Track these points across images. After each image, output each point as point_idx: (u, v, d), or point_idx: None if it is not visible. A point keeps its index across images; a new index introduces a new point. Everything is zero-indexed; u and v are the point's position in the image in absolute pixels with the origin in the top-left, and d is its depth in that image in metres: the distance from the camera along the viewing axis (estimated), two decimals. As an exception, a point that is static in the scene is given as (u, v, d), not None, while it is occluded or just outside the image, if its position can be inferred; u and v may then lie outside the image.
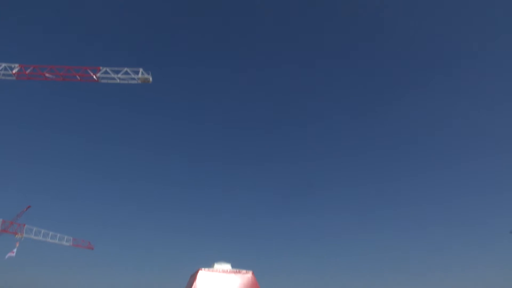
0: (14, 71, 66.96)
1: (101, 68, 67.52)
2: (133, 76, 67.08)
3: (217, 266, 42.66)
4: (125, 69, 66.94)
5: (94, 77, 67.49)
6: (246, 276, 42.11)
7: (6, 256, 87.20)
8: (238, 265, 43.14)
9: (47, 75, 68.02)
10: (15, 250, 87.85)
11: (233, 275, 41.76)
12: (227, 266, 42.95)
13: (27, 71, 67.70)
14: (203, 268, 41.37)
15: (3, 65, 66.08)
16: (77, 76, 68.48)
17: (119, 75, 67.30)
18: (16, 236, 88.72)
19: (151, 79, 68.07)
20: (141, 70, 67.45)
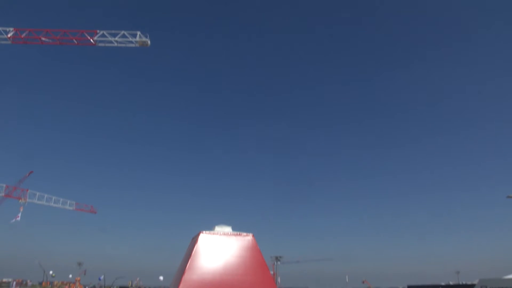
0: (9, 35, 65.66)
1: (98, 31, 66.13)
2: (130, 39, 65.87)
3: (218, 229, 43.11)
4: (123, 32, 65.60)
5: (91, 40, 66.28)
6: (246, 238, 42.73)
7: (12, 221, 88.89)
8: (238, 228, 43.77)
9: (43, 39, 66.76)
10: (19, 214, 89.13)
11: (233, 237, 42.33)
12: (228, 229, 43.42)
13: (23, 35, 66.41)
14: (204, 231, 41.94)
15: (-2, 28, 64.68)
16: (74, 40, 67.26)
17: (117, 38, 66.07)
18: (20, 201, 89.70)
19: (149, 42, 66.83)
20: (138, 33, 66.23)
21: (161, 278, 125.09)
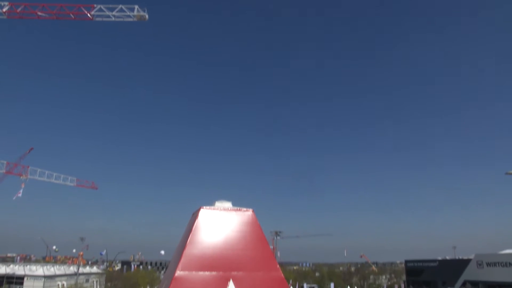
0: (4, 10, 64.59)
1: (95, 5, 65.06)
2: (128, 13, 64.88)
3: (218, 204, 43.44)
4: (120, 6, 64.53)
5: (88, 15, 65.31)
6: (246, 213, 43.24)
7: (14, 197, 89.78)
8: (238, 203, 44.14)
9: (39, 13, 65.70)
10: (21, 191, 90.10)
11: (233, 213, 42.80)
12: (228, 204, 43.76)
13: (18, 10, 65.33)
14: (204, 207, 42.35)
15: (-8, 3, 63.55)
16: (71, 15, 66.22)
17: (114, 13, 65.09)
18: (21, 177, 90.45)
19: (147, 16, 65.80)
20: (136, 7, 65.23)
21: (162, 252, 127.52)
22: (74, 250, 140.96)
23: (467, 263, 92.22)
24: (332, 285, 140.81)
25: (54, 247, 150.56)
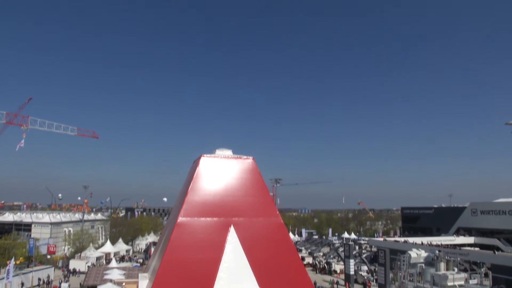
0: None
1: None
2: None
3: (219, 152, 43.67)
4: None
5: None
6: (246, 161, 43.63)
7: (16, 148, 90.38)
8: (239, 151, 44.40)
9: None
10: (23, 141, 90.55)
11: (234, 160, 43.16)
12: (228, 152, 43.99)
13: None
14: (205, 155, 42.65)
15: None
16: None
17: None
18: (22, 127, 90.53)
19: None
20: None
21: (165, 199, 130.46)
22: (79, 198, 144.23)
23: (461, 210, 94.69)
24: (330, 230, 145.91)
25: (59, 195, 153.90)
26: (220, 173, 40.81)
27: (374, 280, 66.80)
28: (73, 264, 75.75)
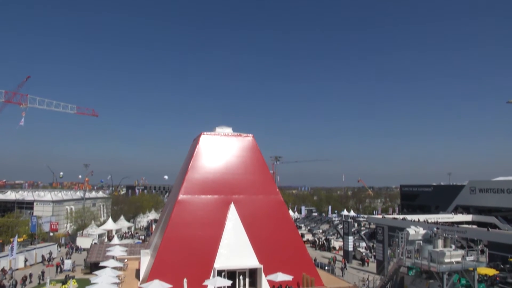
0: None
1: None
2: None
3: (219, 130, 43.74)
4: None
5: None
6: (246, 139, 43.53)
7: (17, 126, 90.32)
8: (239, 129, 44.46)
9: None
10: (22, 119, 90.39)
11: (234, 138, 43.08)
12: (228, 130, 44.04)
13: None
14: (205, 132, 42.63)
15: None
16: None
17: None
18: (21, 106, 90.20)
19: None
20: None
21: (166, 177, 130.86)
22: (80, 176, 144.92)
23: (460, 189, 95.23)
24: (329, 208, 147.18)
25: (60, 174, 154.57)
26: (220, 150, 40.93)
27: (372, 257, 67.79)
28: (80, 241, 76.62)
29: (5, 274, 51.43)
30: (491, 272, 47.09)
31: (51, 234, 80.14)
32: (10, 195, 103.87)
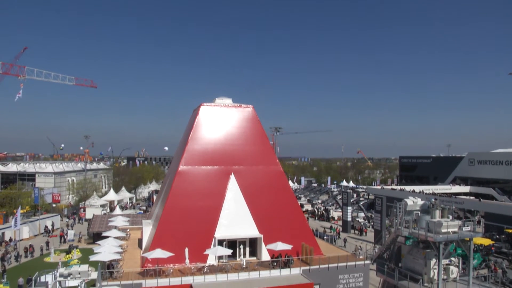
0: None
1: None
2: None
3: (218, 101, 43.43)
4: None
5: None
6: (246, 110, 43.36)
7: (16, 98, 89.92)
8: (238, 100, 44.16)
9: None
10: (21, 91, 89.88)
11: (234, 109, 42.89)
12: (228, 101, 43.74)
13: None
14: (204, 103, 42.41)
15: None
16: None
17: None
18: (19, 78, 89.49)
19: None
20: None
21: (166, 148, 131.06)
22: (81, 148, 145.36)
23: (459, 160, 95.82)
24: (329, 178, 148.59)
25: (61, 146, 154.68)
26: (220, 121, 40.84)
27: (371, 226, 69.07)
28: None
29: (7, 246, 52.39)
30: (487, 242, 48.05)
31: (54, 205, 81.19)
32: (12, 167, 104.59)
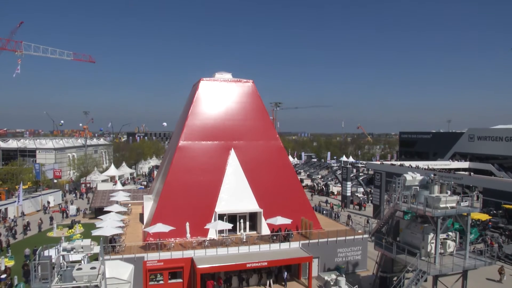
0: None
1: None
2: None
3: (218, 75, 42.91)
4: None
5: None
6: (246, 85, 42.93)
7: (14, 74, 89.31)
8: (238, 75, 43.70)
9: None
10: (19, 67, 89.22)
11: (233, 84, 42.41)
12: (228, 76, 43.24)
13: None
14: (204, 78, 41.95)
15: None
16: None
17: None
18: (16, 53, 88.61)
19: None
20: None
21: (165, 124, 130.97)
22: (80, 124, 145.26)
23: (459, 136, 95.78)
24: (328, 154, 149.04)
25: (61, 122, 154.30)
26: (219, 96, 40.61)
27: (370, 201, 69.71)
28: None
29: (6, 223, 52.77)
30: (484, 217, 48.59)
31: (55, 181, 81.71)
32: (12, 144, 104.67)
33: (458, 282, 25.70)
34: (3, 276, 31.82)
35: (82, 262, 17.85)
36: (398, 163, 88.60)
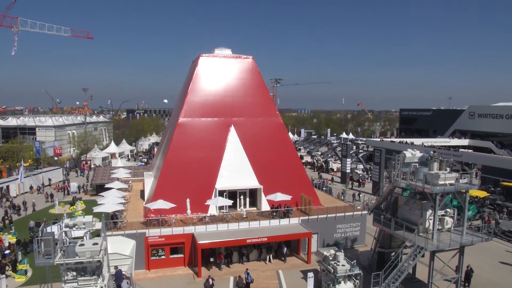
0: None
1: None
2: None
3: (218, 51, 42.38)
4: None
5: None
6: (246, 61, 42.43)
7: (12, 52, 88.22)
8: (238, 50, 43.11)
9: None
10: (15, 43, 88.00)
11: (233, 60, 41.93)
12: (228, 52, 42.70)
13: None
14: (203, 54, 41.42)
15: None
16: None
17: None
18: (13, 29, 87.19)
19: None
20: None
21: (166, 101, 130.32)
22: (77, 103, 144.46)
23: (459, 113, 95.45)
24: (328, 130, 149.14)
25: (57, 100, 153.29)
26: (219, 73, 40.25)
27: (369, 178, 70.10)
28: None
29: (2, 202, 52.96)
30: (482, 194, 48.93)
31: (56, 158, 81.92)
32: (12, 121, 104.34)
33: (455, 257, 26.12)
34: (7, 251, 32.31)
35: (85, 238, 18.07)
36: (398, 140, 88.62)
